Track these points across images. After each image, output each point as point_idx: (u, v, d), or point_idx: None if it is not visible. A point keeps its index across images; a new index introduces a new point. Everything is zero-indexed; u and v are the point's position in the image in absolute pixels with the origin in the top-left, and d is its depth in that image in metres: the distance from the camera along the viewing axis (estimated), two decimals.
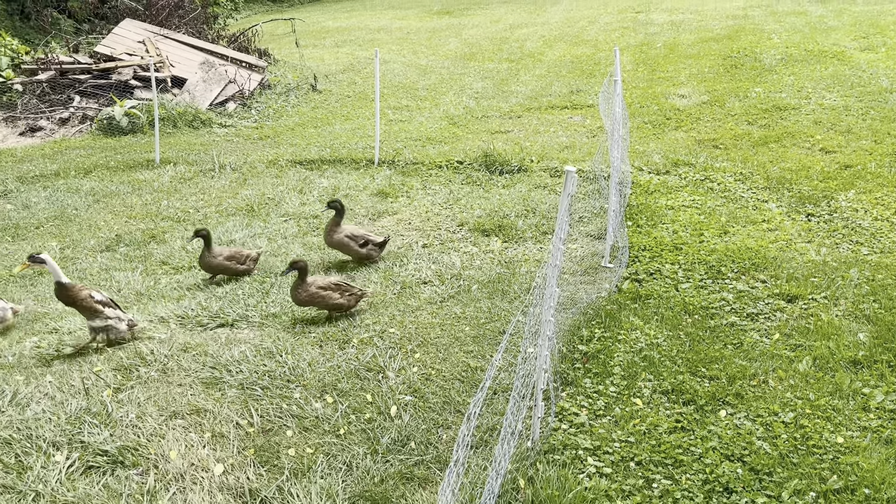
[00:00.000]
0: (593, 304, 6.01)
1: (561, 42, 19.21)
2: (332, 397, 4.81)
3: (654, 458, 4.22)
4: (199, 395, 4.78)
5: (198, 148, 11.58)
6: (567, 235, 4.91)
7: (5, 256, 7.63)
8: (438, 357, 5.31)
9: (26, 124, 13.32)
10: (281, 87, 15.18)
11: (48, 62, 14.58)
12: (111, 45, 15.26)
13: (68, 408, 4.59)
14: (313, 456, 4.28)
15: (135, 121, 12.85)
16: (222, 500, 3.95)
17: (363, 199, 8.84)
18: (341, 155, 10.64)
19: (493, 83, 15.34)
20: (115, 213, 8.90)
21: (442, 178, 9.52)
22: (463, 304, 6.08)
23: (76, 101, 13.96)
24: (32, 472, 4.03)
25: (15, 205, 9.38)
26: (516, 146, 10.60)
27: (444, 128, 12.20)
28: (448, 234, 7.71)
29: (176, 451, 4.24)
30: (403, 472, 4.19)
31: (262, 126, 13.11)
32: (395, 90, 14.88)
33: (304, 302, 5.71)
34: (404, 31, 22.46)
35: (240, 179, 9.94)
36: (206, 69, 14.47)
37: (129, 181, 10.04)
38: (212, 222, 8.35)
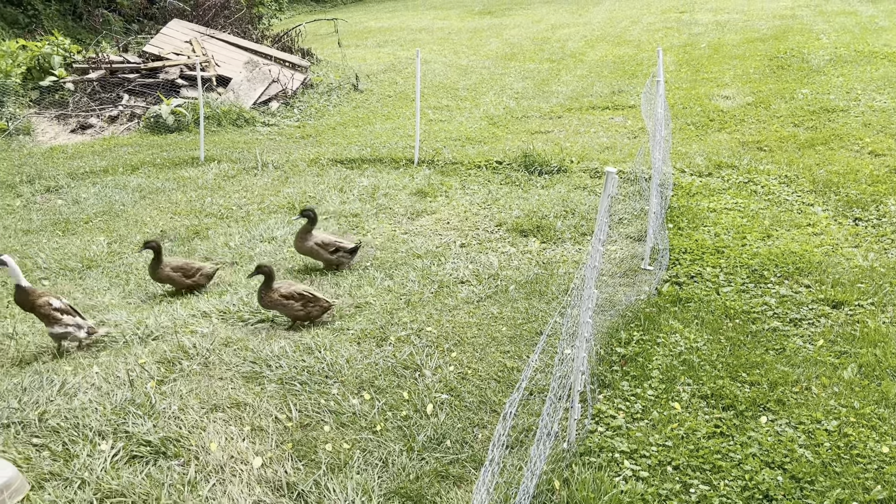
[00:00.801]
0: (632, 306, 5.96)
1: (603, 42, 19.06)
2: (370, 394, 4.86)
3: (692, 463, 4.18)
4: (239, 389, 4.87)
5: (241, 146, 11.76)
6: (606, 237, 4.87)
7: (56, 250, 7.84)
8: (475, 356, 5.32)
9: (77, 122, 13.65)
10: (323, 86, 15.33)
11: (99, 61, 14.93)
12: (159, 45, 15.58)
13: (114, 398, 4.71)
14: (350, 451, 4.33)
15: (180, 119, 13.11)
16: (260, 492, 4.02)
17: (402, 198, 8.89)
18: (381, 154, 10.71)
19: (534, 83, 15.28)
20: (160, 209, 9.08)
21: (481, 178, 9.53)
22: (500, 305, 6.08)
23: (125, 99, 14.27)
24: (79, 460, 4.14)
25: (66, 200, 9.63)
26: (556, 146, 10.56)
27: (484, 128, 12.20)
28: (486, 234, 7.72)
29: (216, 444, 4.32)
30: (439, 470, 4.21)
31: (304, 125, 13.26)
32: (435, 90, 14.93)
33: (267, 306, 5.76)
34: (445, 31, 22.50)
35: (282, 177, 10.07)
36: (250, 69, 14.69)
37: (174, 178, 10.24)
38: (254, 219, 8.48)
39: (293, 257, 7.28)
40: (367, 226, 8.07)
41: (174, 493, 3.95)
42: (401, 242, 7.56)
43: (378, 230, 7.95)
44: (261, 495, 4.00)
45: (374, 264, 7.01)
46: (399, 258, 7.13)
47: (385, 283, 6.54)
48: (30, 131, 13.10)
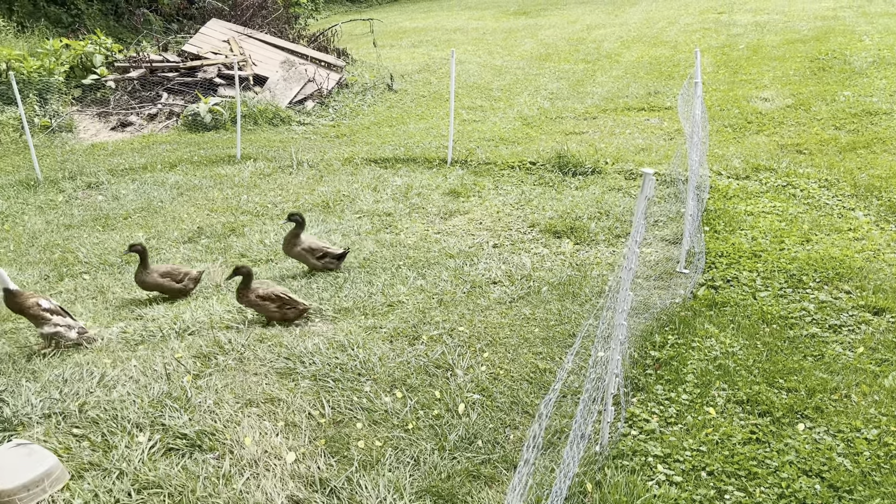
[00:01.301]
0: (667, 309, 5.90)
1: (639, 43, 18.88)
2: (402, 392, 4.88)
3: (727, 469, 4.13)
4: (273, 385, 4.92)
5: (277, 145, 11.88)
6: (642, 239, 4.84)
7: (96, 245, 7.99)
8: (507, 357, 5.31)
9: (118, 119, 13.91)
10: (358, 86, 15.42)
11: (139, 60, 15.19)
12: (198, 44, 15.80)
13: (151, 391, 4.79)
14: (382, 449, 4.36)
15: (218, 117, 13.28)
16: (294, 487, 4.06)
17: (435, 198, 8.91)
18: (415, 154, 10.75)
19: (569, 84, 15.20)
20: (197, 206, 9.21)
21: (514, 178, 9.51)
22: (532, 306, 6.07)
23: (164, 97, 14.51)
24: (117, 451, 4.23)
25: (106, 196, 9.81)
26: (591, 148, 10.50)
27: (518, 128, 12.18)
28: (519, 234, 7.70)
29: (250, 438, 4.37)
30: (470, 470, 4.21)
31: (338, 124, 13.36)
32: (469, 90, 14.93)
33: (245, 305, 5.82)
34: (480, 31, 22.48)
35: (316, 176, 10.15)
36: (286, 68, 14.83)
37: (211, 176, 10.38)
38: None
39: None
40: (400, 225, 8.11)
41: (209, 486, 4.01)
42: (433, 242, 7.58)
43: (411, 229, 7.97)
44: (294, 490, 4.04)
45: (407, 264, 7.03)
46: (432, 258, 7.15)
47: (418, 283, 6.56)
48: (72, 128, 13.38)
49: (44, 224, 8.75)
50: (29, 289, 6.83)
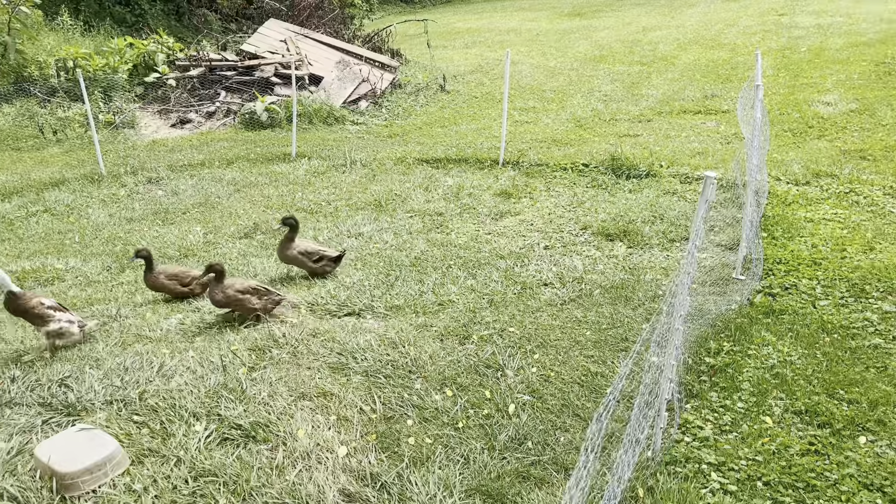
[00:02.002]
0: (722, 316, 5.79)
1: (696, 45, 18.57)
2: (452, 391, 4.89)
3: (784, 480, 4.03)
4: (326, 379, 4.99)
5: (331, 144, 12.03)
6: (701, 243, 4.76)
7: (156, 238, 8.20)
8: (558, 359, 5.29)
9: (177, 117, 14.26)
10: (411, 86, 15.51)
11: (199, 59, 15.55)
12: (256, 44, 16.10)
13: (208, 382, 4.90)
14: (432, 446, 4.38)
15: (274, 116, 13.52)
16: (345, 481, 4.11)
17: (486, 198, 8.91)
18: (466, 154, 10.76)
19: (623, 86, 15.04)
20: (253, 202, 9.38)
21: (566, 180, 9.45)
22: (584, 309, 6.02)
23: (222, 96, 14.82)
24: (175, 438, 4.33)
25: (165, 191, 10.07)
26: (645, 150, 10.37)
27: (571, 130, 12.10)
28: (571, 236, 7.65)
29: (303, 431, 4.44)
30: (520, 471, 4.20)
31: (391, 124, 13.46)
32: (522, 91, 14.89)
33: (220, 304, 5.65)
34: (534, 32, 22.39)
35: (369, 175, 10.24)
36: (341, 68, 15.01)
37: (266, 173, 10.56)
38: (342, 215, 8.66)
39: (379, 252, 7.40)
40: (451, 225, 8.13)
41: (262, 476, 4.08)
42: (484, 243, 7.58)
43: (461, 229, 7.99)
44: (345, 484, 4.08)
45: (458, 263, 7.05)
46: (482, 258, 7.15)
47: (468, 283, 6.57)
48: (134, 125, 13.77)
49: (107, 217, 9.01)
50: (93, 280, 7.04)
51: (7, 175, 10.82)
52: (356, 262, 7.19)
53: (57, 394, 4.77)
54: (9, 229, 8.52)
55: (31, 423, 4.51)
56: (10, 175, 10.82)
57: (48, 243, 8.07)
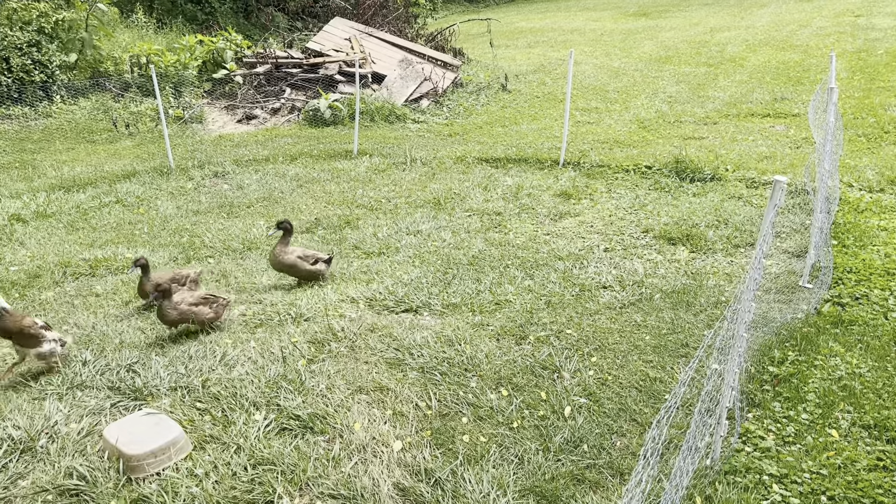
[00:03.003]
0: (787, 324, 5.63)
1: (766, 47, 18.07)
2: (507, 390, 4.88)
3: (850, 496, 3.90)
4: (382, 374, 5.03)
5: (392, 141, 12.13)
6: (769, 249, 4.64)
7: (220, 231, 8.39)
8: (616, 363, 5.22)
9: (243, 112, 14.59)
10: (472, 85, 15.52)
11: (265, 56, 15.87)
12: (321, 42, 16.35)
13: (268, 372, 5.00)
14: (486, 445, 4.37)
15: (337, 113, 13.70)
16: (400, 475, 4.14)
17: (545, 199, 8.85)
18: (526, 154, 10.71)
19: (689, 87, 14.74)
20: (315, 198, 9.52)
21: (628, 182, 9.32)
22: (644, 313, 5.93)
23: (287, 92, 15.10)
24: (235, 426, 4.44)
25: (231, 185, 10.30)
26: (710, 153, 10.14)
27: (634, 131, 11.92)
28: (631, 239, 7.54)
29: (360, 424, 4.49)
30: (575, 474, 4.17)
31: (452, 123, 13.50)
32: (584, 92, 14.74)
33: (175, 321, 5.50)
34: (598, 32, 22.15)
35: (429, 173, 10.29)
36: (404, 66, 15.12)
37: (328, 169, 10.71)
38: (401, 212, 8.72)
39: (437, 250, 7.43)
40: (510, 225, 8.11)
41: (319, 467, 4.14)
42: (542, 243, 7.53)
43: (520, 229, 7.96)
44: (400, 478, 4.12)
45: (515, 263, 7.03)
46: (540, 259, 7.11)
47: (525, 283, 6.54)
48: (202, 119, 14.14)
49: (174, 209, 9.25)
50: (160, 270, 7.25)
51: (82, 167, 11.24)
52: (414, 259, 7.23)
53: (125, 378, 4.94)
54: (83, 219, 8.84)
55: (100, 405, 4.68)
56: (85, 167, 11.23)
57: (119, 233, 8.34)
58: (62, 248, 7.82)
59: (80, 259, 7.38)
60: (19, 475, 4.09)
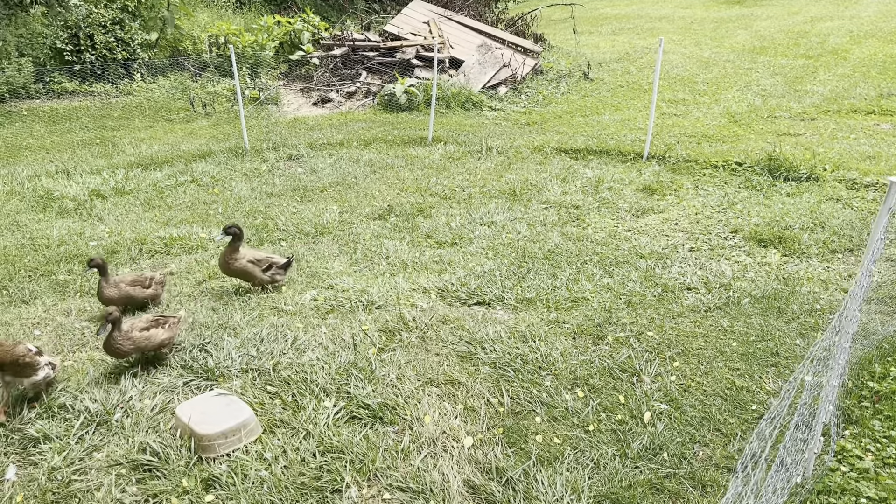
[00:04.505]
0: (890, 337, 5.23)
1: (872, 38, 17.08)
2: (583, 392, 4.68)
3: None
4: (454, 367, 4.90)
5: (467, 129, 11.96)
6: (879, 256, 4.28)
7: (294, 215, 8.40)
8: (700, 369, 4.95)
9: (319, 95, 14.66)
10: (553, 73, 15.19)
11: (343, 39, 15.88)
12: (399, 25, 16.27)
13: (338, 359, 4.93)
14: (560, 447, 4.19)
15: (412, 98, 13.61)
16: (470, 472, 4.00)
17: (627, 193, 8.54)
18: (608, 146, 10.38)
19: (785, 80, 14.05)
20: (388, 184, 9.45)
21: (716, 179, 8.91)
22: (731, 318, 5.61)
23: (363, 76, 15.09)
24: (305, 412, 4.38)
25: (304, 168, 10.33)
26: (807, 151, 9.60)
27: (724, 125, 11.42)
28: (719, 239, 7.18)
29: (430, 417, 4.37)
30: (653, 482, 3.95)
31: (530, 112, 13.23)
32: (671, 82, 14.23)
33: (128, 352, 4.80)
34: (687, 20, 21.39)
35: (505, 163, 10.09)
36: (482, 52, 14.90)
37: (402, 155, 10.62)
38: (475, 202, 8.56)
39: (511, 243, 7.24)
40: (588, 219, 7.84)
41: (388, 458, 4.04)
42: (623, 240, 7.25)
43: (599, 224, 7.69)
44: (470, 475, 3.98)
45: (594, 260, 6.78)
46: (620, 256, 6.84)
47: (604, 281, 6.30)
48: (277, 101, 14.28)
49: (249, 190, 9.32)
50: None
51: (160, 145, 11.48)
52: (487, 250, 7.07)
53: (197, 358, 4.94)
54: (159, 197, 9.00)
55: (173, 383, 4.70)
56: (162, 145, 11.47)
57: (194, 212, 8.45)
58: (139, 225, 7.96)
59: (155, 237, 7.49)
60: (95, 447, 4.13)
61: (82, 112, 13.50)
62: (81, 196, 8.85)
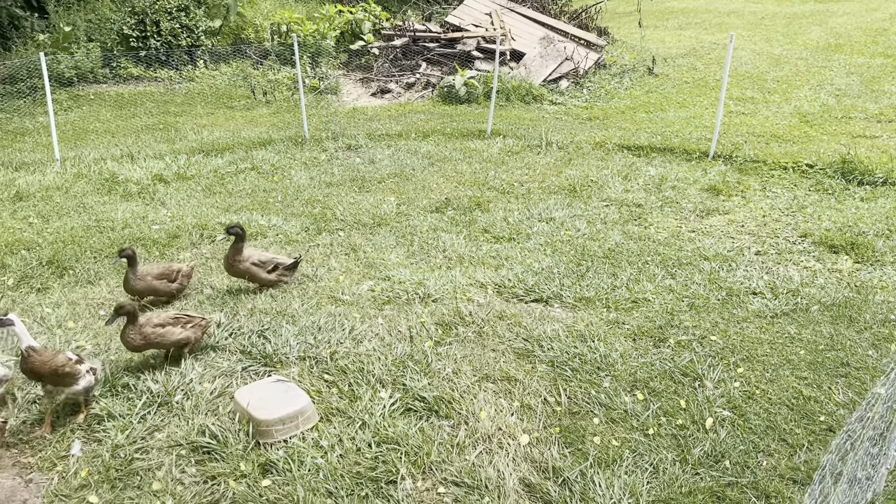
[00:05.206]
0: None
1: None
2: (643, 394, 4.58)
3: None
4: (510, 364, 4.85)
5: (527, 123, 11.84)
6: None
7: (352, 205, 8.43)
8: (765, 377, 4.79)
9: (378, 86, 14.69)
10: (616, 67, 14.94)
11: (403, 29, 15.88)
12: (460, 16, 16.19)
13: (395, 350, 4.93)
14: (619, 450, 4.11)
15: (472, 91, 13.53)
16: (526, 470, 3.95)
17: (691, 193, 8.33)
18: (672, 144, 10.15)
19: (861, 80, 13.53)
20: (446, 177, 9.40)
21: (786, 180, 8.62)
22: (799, 325, 5.42)
23: (422, 67, 15.06)
24: (361, 402, 4.38)
25: (363, 159, 10.36)
26: (884, 155, 9.22)
27: (794, 125, 11.05)
28: (787, 243, 6.95)
29: (485, 413, 4.33)
30: (714, 490, 3.84)
31: (591, 106, 13.03)
32: (740, 80, 13.85)
33: (139, 347, 4.72)
34: (758, 15, 20.77)
35: (565, 158, 9.96)
36: (544, 45, 14.73)
37: (461, 148, 10.57)
38: (534, 198, 8.47)
39: (570, 240, 7.13)
40: (651, 218, 7.68)
41: (443, 452, 4.02)
42: (686, 241, 7.08)
43: (662, 224, 7.52)
44: (526, 473, 3.93)
45: (655, 260, 6.63)
46: (683, 257, 6.68)
47: (666, 282, 6.15)
48: (337, 91, 14.36)
49: (308, 179, 9.38)
50: (292, 239, 7.34)
51: (221, 132, 11.66)
52: (545, 247, 6.98)
53: (256, 343, 5.00)
54: (220, 183, 9.13)
55: (231, 367, 4.76)
56: (223, 132, 11.65)
57: (254, 199, 8.55)
58: (200, 210, 8.10)
59: (216, 223, 7.60)
60: (156, 427, 4.21)
61: (146, 97, 13.82)
62: (145, 180, 9.05)
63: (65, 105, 13.31)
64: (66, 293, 6.07)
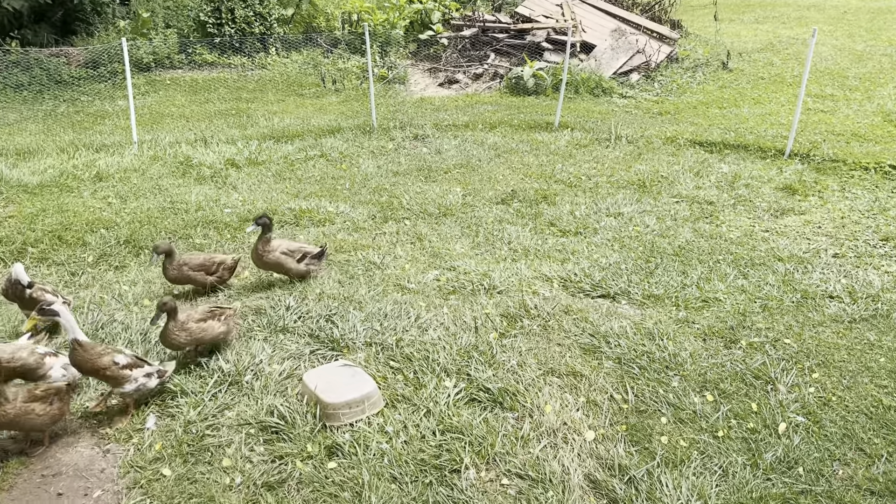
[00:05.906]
0: None
1: None
2: (713, 395, 4.48)
3: None
4: (576, 359, 4.80)
5: (596, 116, 11.67)
6: None
7: (418, 194, 8.46)
8: (841, 383, 4.62)
9: (445, 76, 14.68)
10: (689, 61, 14.59)
11: (473, 19, 15.83)
12: (530, 7, 16.06)
13: (460, 340, 4.94)
14: (687, 451, 4.03)
15: (540, 82, 13.41)
16: (591, 466, 3.91)
17: (765, 191, 8.09)
18: (746, 141, 9.87)
19: None
20: (512, 169, 9.35)
21: (867, 181, 8.29)
22: (879, 331, 5.21)
23: (491, 58, 15.00)
24: (426, 390, 4.41)
25: (430, 149, 10.38)
26: None
27: (877, 125, 10.61)
28: (867, 246, 6.68)
29: (550, 407, 4.30)
30: (787, 497, 3.74)
31: (662, 101, 12.76)
32: (819, 76, 13.36)
33: (182, 345, 4.68)
34: (840, 9, 20.00)
35: (634, 153, 9.78)
36: (615, 37, 14.49)
37: (527, 140, 10.49)
38: (602, 192, 8.35)
39: (639, 236, 7.01)
40: (723, 216, 7.49)
41: (507, 444, 4.01)
42: (760, 240, 6.88)
43: (734, 223, 7.33)
44: (591, 469, 3.89)
45: (727, 259, 6.46)
46: (756, 257, 6.49)
47: (738, 282, 5.99)
48: (405, 80, 14.42)
49: (375, 168, 9.45)
50: (359, 226, 7.40)
51: (291, 119, 11.84)
52: (613, 242, 6.88)
53: (324, 328, 5.07)
54: (289, 169, 9.28)
55: (300, 350, 4.85)
56: (293, 119, 11.82)
57: (322, 186, 8.66)
58: (270, 195, 8.24)
59: (286, 208, 7.72)
60: (226, 406, 4.32)
61: (220, 83, 14.14)
62: (217, 164, 9.26)
63: (142, 89, 13.73)
64: (142, 272, 6.27)
